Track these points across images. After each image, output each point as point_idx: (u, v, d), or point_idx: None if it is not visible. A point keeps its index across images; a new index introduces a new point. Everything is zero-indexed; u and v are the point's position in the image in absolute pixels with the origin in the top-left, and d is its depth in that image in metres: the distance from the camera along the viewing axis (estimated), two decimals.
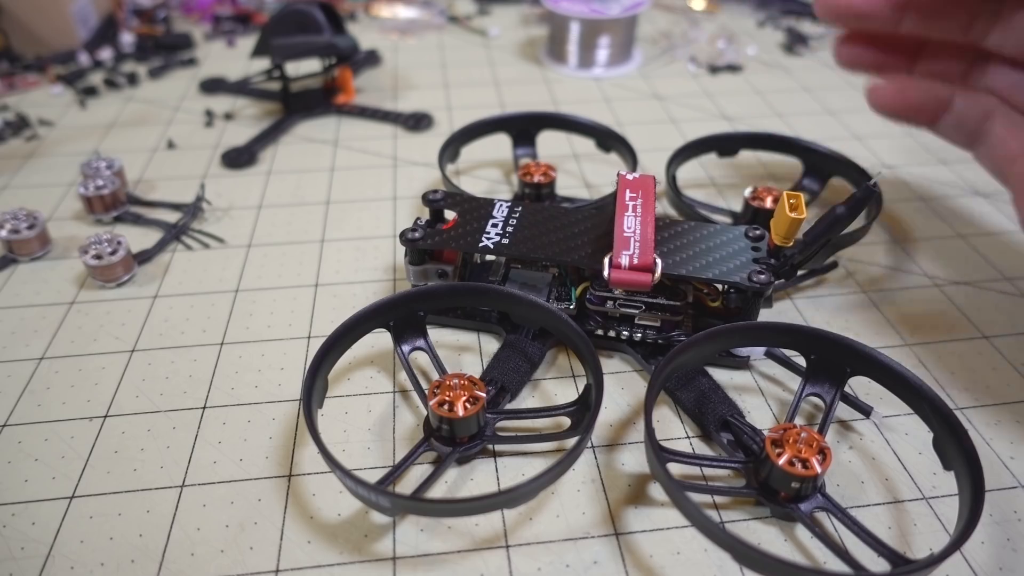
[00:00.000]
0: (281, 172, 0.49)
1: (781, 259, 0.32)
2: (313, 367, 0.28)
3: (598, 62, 0.63)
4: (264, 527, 0.27)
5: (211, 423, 0.31)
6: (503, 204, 0.36)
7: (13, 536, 0.27)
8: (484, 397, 0.28)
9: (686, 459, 0.28)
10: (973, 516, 0.24)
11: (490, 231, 0.34)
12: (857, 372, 0.30)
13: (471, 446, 0.29)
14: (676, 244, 0.33)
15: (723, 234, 0.34)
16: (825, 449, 0.26)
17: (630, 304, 0.33)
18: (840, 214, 0.30)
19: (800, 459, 0.26)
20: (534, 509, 0.28)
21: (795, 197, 0.30)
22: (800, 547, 0.26)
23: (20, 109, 0.56)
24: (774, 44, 0.69)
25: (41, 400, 0.32)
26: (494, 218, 0.35)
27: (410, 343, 0.33)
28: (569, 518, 0.27)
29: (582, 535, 0.27)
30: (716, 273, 0.31)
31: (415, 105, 0.58)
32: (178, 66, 0.64)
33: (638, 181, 0.34)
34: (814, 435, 0.27)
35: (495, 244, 0.34)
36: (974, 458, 0.25)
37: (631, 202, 0.33)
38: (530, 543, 0.26)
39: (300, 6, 0.53)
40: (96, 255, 0.38)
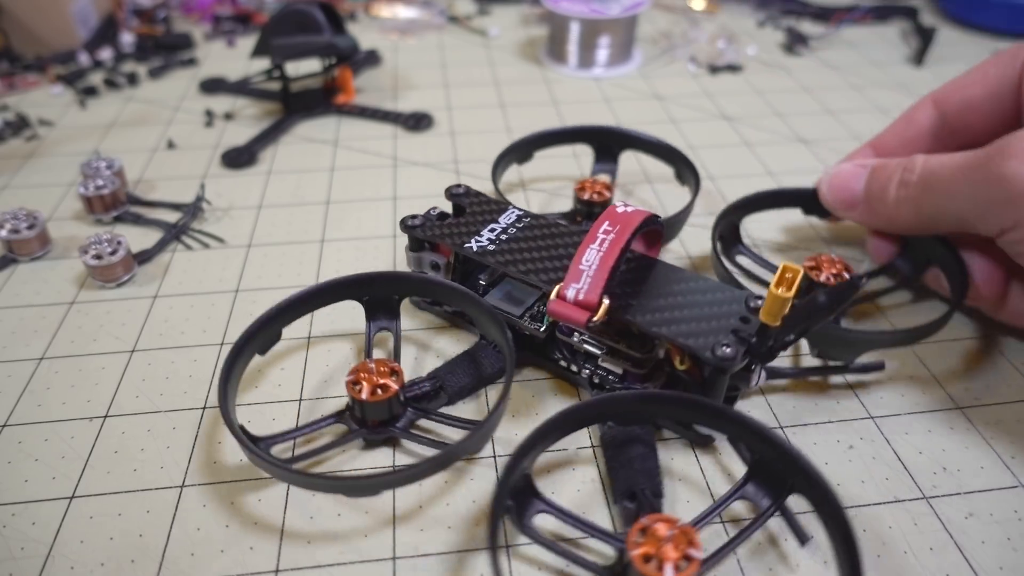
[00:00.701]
0: (281, 172, 0.49)
1: (762, 338, 0.27)
2: (270, 315, 0.30)
3: (598, 62, 0.63)
4: (264, 527, 0.27)
5: (211, 423, 0.31)
6: (513, 212, 0.35)
7: (13, 536, 0.27)
8: (395, 388, 0.29)
9: (563, 516, 0.26)
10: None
11: (484, 235, 0.33)
12: (796, 491, 0.26)
13: (378, 432, 0.29)
14: (656, 292, 0.30)
15: (718, 293, 0.29)
16: (692, 557, 0.23)
17: (593, 343, 0.31)
18: (821, 303, 0.26)
19: (655, 559, 0.23)
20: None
21: (791, 271, 0.25)
22: None
23: (20, 109, 0.56)
24: (774, 44, 0.69)
25: (41, 400, 0.32)
26: (496, 224, 0.34)
27: (379, 323, 0.34)
28: None
29: (583, 535, 0.27)
30: (674, 331, 0.28)
31: (415, 105, 0.58)
32: (178, 66, 0.64)
33: (624, 216, 0.30)
34: (689, 536, 0.23)
35: (479, 248, 0.32)
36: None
37: (602, 235, 0.30)
38: (530, 543, 0.26)
39: (300, 6, 0.53)
40: (96, 255, 0.38)
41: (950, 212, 0.30)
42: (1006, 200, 0.28)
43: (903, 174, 0.32)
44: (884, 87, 0.61)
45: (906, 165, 0.32)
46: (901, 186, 0.32)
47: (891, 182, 0.33)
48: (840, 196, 0.35)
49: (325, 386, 0.33)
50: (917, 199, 0.32)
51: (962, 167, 0.30)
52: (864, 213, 0.35)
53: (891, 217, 0.33)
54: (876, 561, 0.26)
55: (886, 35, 0.71)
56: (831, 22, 0.72)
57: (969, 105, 0.35)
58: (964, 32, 0.72)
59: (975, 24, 0.72)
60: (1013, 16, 0.69)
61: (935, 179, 0.31)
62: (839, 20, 0.72)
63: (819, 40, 0.69)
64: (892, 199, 0.33)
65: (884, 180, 0.33)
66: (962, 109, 0.35)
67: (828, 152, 0.51)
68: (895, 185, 0.33)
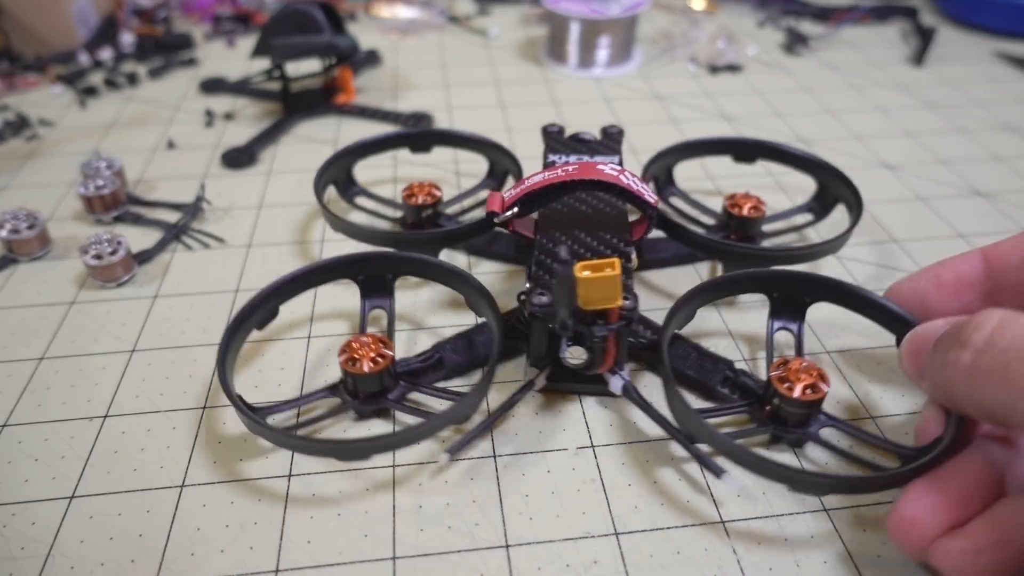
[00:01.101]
0: (281, 172, 0.49)
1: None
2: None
3: (598, 62, 0.63)
4: (264, 527, 0.27)
5: (211, 423, 0.31)
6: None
7: (13, 536, 0.27)
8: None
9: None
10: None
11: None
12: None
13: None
14: (573, 238, 0.33)
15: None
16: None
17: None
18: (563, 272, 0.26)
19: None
20: (534, 509, 0.28)
21: (586, 267, 0.26)
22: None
23: (20, 109, 0.56)
24: (774, 44, 0.69)
25: (41, 400, 0.32)
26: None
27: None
28: (569, 518, 0.27)
29: (582, 535, 0.27)
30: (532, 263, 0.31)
31: (415, 105, 0.58)
32: (178, 66, 0.64)
33: (589, 167, 0.33)
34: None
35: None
36: None
37: (560, 170, 0.33)
38: (530, 543, 0.26)
39: (300, 6, 0.53)
40: (96, 255, 0.38)
41: (1010, 404, 0.22)
42: None
43: (971, 333, 0.23)
44: (884, 87, 0.61)
45: (975, 324, 0.23)
46: (965, 347, 0.23)
47: (954, 339, 0.24)
48: (918, 366, 0.26)
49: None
50: (981, 372, 0.23)
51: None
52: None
53: (946, 382, 0.24)
54: (876, 561, 0.26)
55: (886, 35, 0.71)
56: (831, 22, 0.72)
57: None
58: (964, 32, 0.72)
59: (975, 24, 0.72)
60: (1013, 16, 0.69)
61: (1015, 355, 0.22)
62: (839, 20, 0.72)
63: (819, 40, 0.69)
64: (952, 361, 0.24)
65: (946, 338, 0.24)
66: None
67: (828, 152, 0.51)
68: (956, 344, 0.23)
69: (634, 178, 0.34)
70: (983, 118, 0.56)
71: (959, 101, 0.58)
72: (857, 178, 0.39)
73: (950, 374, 0.24)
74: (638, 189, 0.33)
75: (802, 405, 0.29)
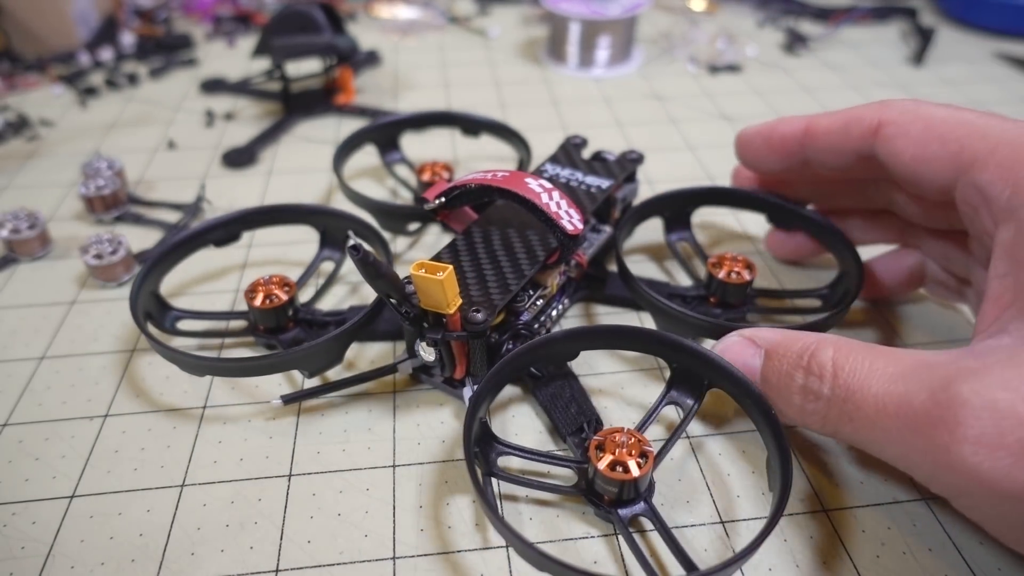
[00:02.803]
0: (281, 172, 0.49)
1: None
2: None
3: (598, 62, 0.63)
4: (264, 527, 0.27)
5: (211, 423, 0.31)
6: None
7: (13, 535, 0.27)
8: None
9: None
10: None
11: None
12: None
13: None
14: (496, 239, 0.33)
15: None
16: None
17: None
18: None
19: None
20: (534, 509, 0.28)
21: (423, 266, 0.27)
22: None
23: (21, 109, 0.57)
24: (774, 44, 0.69)
25: (42, 400, 0.32)
26: None
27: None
28: (569, 518, 0.27)
29: (582, 535, 0.27)
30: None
31: (415, 105, 0.58)
32: (179, 66, 0.64)
33: (514, 179, 0.32)
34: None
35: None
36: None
37: (490, 173, 0.32)
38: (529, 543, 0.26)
39: (300, 6, 0.53)
40: (97, 255, 0.38)
41: (876, 451, 0.24)
42: (958, 487, 0.21)
43: (808, 380, 0.25)
44: (884, 87, 0.61)
45: (810, 366, 0.25)
46: (808, 396, 0.25)
47: (792, 383, 0.26)
48: (744, 369, 0.28)
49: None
50: (832, 421, 0.25)
51: (895, 413, 0.22)
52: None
53: (800, 423, 0.26)
54: (875, 561, 0.26)
55: (886, 35, 0.71)
56: (831, 22, 0.72)
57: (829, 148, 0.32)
58: (964, 32, 0.72)
59: (975, 24, 0.72)
60: (1013, 16, 0.69)
61: (855, 408, 0.24)
62: (839, 20, 0.72)
63: (819, 40, 0.69)
64: (798, 407, 0.26)
65: (783, 378, 0.26)
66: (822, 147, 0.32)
67: None
68: (798, 392, 0.25)
69: (564, 202, 0.32)
70: None
71: (959, 101, 0.58)
72: None
73: (806, 420, 0.26)
74: (555, 213, 0.31)
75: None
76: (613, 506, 0.26)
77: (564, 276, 0.34)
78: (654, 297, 0.32)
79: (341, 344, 0.31)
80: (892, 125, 0.29)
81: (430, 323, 0.29)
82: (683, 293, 0.36)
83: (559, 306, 0.34)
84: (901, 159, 0.29)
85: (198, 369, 0.31)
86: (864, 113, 0.30)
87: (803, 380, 0.25)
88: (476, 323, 0.28)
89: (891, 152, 0.29)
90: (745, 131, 0.35)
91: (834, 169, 0.32)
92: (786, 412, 0.26)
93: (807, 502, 0.28)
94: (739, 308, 0.34)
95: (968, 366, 0.22)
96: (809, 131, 0.32)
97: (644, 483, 0.26)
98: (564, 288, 0.35)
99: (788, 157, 0.34)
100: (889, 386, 0.23)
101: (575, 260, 0.34)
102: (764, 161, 0.35)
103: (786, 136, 0.33)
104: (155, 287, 0.35)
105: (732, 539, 0.27)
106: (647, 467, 0.26)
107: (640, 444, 0.26)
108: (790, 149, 0.33)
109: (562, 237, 0.31)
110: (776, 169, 0.35)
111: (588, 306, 0.37)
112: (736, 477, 0.29)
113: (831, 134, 0.31)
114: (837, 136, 0.31)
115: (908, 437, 0.22)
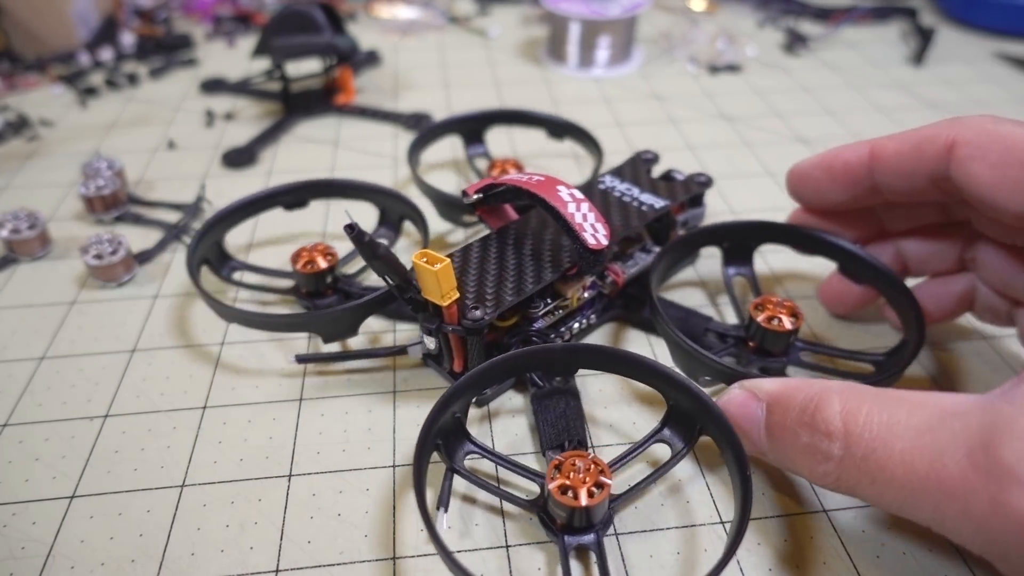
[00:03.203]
0: (281, 172, 0.49)
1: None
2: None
3: (598, 62, 0.63)
4: (264, 527, 0.27)
5: (211, 423, 0.31)
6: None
7: (14, 535, 0.27)
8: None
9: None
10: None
11: None
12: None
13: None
14: (531, 244, 0.33)
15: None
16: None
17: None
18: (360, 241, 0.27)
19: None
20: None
21: (425, 255, 0.27)
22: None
23: (21, 109, 0.57)
24: (774, 44, 0.69)
25: (42, 400, 0.32)
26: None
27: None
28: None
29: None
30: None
31: (415, 105, 0.58)
32: (178, 66, 0.64)
33: (547, 185, 0.31)
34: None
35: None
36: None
37: (527, 175, 0.32)
38: (530, 543, 0.26)
39: (300, 6, 0.53)
40: (97, 255, 0.38)
41: (905, 512, 0.21)
42: (1004, 554, 0.19)
43: (814, 438, 0.22)
44: (884, 87, 0.61)
45: (815, 422, 0.23)
46: (816, 456, 0.23)
47: (797, 441, 0.23)
48: (749, 424, 0.25)
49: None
50: (848, 482, 0.22)
51: (926, 475, 0.20)
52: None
53: (814, 482, 0.24)
54: (876, 561, 0.26)
55: (886, 35, 0.71)
56: (831, 22, 0.72)
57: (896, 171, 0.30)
58: (964, 32, 0.72)
59: (975, 24, 0.72)
60: (1013, 16, 0.69)
61: (878, 469, 0.21)
62: (839, 20, 0.72)
63: (819, 40, 0.69)
64: (807, 468, 0.23)
65: (789, 435, 0.24)
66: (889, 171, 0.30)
67: None
68: (804, 451, 0.23)
69: (592, 215, 0.31)
70: None
71: (959, 101, 0.58)
72: None
73: (818, 481, 0.23)
74: (579, 224, 0.30)
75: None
76: (562, 531, 0.25)
77: (593, 291, 0.34)
78: (668, 326, 0.30)
79: (356, 316, 0.32)
80: (967, 146, 0.27)
81: (430, 312, 0.29)
82: (723, 331, 0.33)
83: (583, 320, 0.34)
84: (978, 183, 0.27)
85: (226, 316, 0.33)
86: (936, 133, 0.28)
87: (809, 438, 0.23)
88: (472, 320, 0.28)
89: (967, 175, 0.27)
90: (799, 166, 0.33)
91: (904, 194, 0.30)
92: (797, 472, 0.24)
93: (807, 502, 0.28)
94: (779, 357, 0.31)
95: (1005, 418, 0.19)
96: (876, 155, 0.30)
97: (598, 514, 0.25)
98: (592, 303, 0.34)
99: (854, 186, 0.31)
100: (916, 441, 0.20)
101: (610, 277, 0.34)
102: (827, 194, 0.32)
103: (850, 163, 0.31)
104: (220, 238, 0.37)
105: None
106: (599, 498, 0.24)
107: (599, 474, 0.25)
108: (856, 177, 0.31)
109: (581, 249, 0.30)
110: (841, 200, 0.32)
111: (622, 328, 0.36)
112: (707, 530, 0.27)
113: (901, 156, 0.29)
114: (908, 159, 0.29)
115: (944, 501, 0.20)
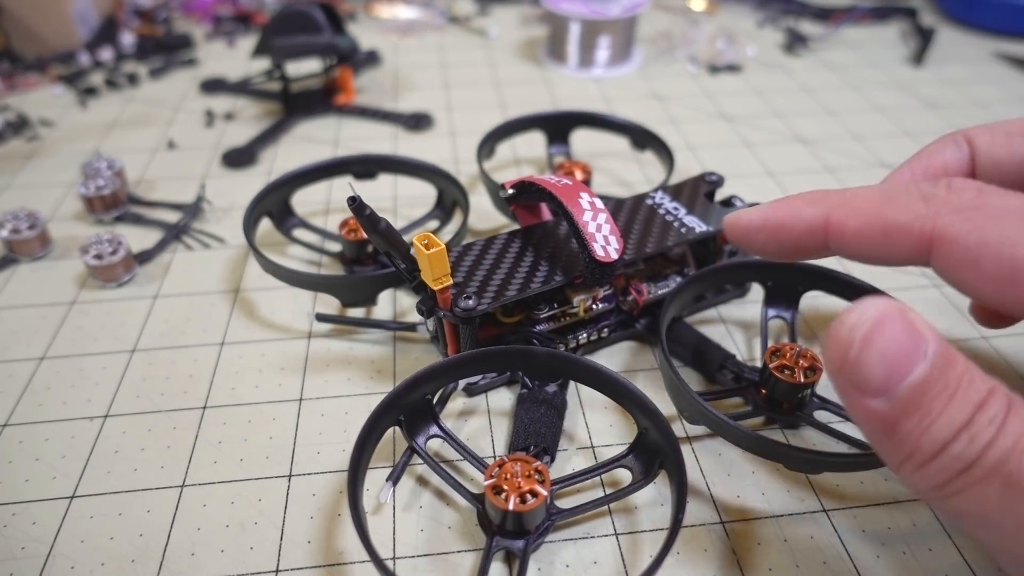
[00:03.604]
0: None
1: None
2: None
3: (598, 62, 0.63)
4: (264, 527, 0.27)
5: (211, 423, 0.31)
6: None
7: (14, 536, 0.27)
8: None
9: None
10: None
11: None
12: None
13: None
14: (550, 244, 0.33)
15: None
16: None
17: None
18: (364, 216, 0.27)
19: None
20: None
21: (426, 238, 0.28)
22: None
23: (21, 109, 0.57)
24: (774, 44, 0.69)
25: (42, 400, 0.32)
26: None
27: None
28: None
29: (582, 535, 0.27)
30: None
31: (415, 105, 0.58)
32: (178, 66, 0.64)
33: (570, 190, 0.31)
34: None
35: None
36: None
37: (557, 179, 0.32)
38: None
39: (300, 6, 0.53)
40: (97, 255, 0.38)
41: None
42: None
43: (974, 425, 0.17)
44: (884, 87, 0.61)
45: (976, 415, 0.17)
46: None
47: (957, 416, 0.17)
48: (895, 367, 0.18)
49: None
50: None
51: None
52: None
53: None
54: (876, 561, 0.26)
55: (886, 35, 0.71)
56: (831, 22, 0.72)
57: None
58: (964, 32, 0.72)
59: (975, 24, 0.72)
60: (1013, 16, 0.69)
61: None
62: (839, 20, 0.72)
63: (819, 40, 0.69)
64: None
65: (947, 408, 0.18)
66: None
67: (828, 152, 0.51)
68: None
69: (608, 227, 0.30)
70: (983, 118, 0.56)
71: (959, 101, 0.58)
72: (856, 178, 0.39)
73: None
74: (590, 234, 0.30)
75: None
76: (496, 532, 0.26)
77: (609, 304, 0.33)
78: (665, 352, 0.29)
79: (374, 285, 0.34)
80: (953, 245, 0.20)
81: (428, 295, 0.30)
82: (738, 371, 0.32)
83: (594, 332, 0.33)
84: (975, 291, 0.21)
85: (264, 266, 0.35)
86: (909, 221, 0.21)
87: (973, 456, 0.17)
88: (462, 308, 0.29)
89: (959, 281, 0.21)
90: (740, 221, 0.25)
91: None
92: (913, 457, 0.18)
93: (807, 502, 0.28)
94: (789, 412, 0.30)
95: None
96: (833, 232, 0.23)
97: (530, 521, 0.25)
98: (606, 317, 0.34)
99: (805, 255, 0.25)
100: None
101: (631, 294, 0.33)
102: (773, 256, 0.26)
103: (799, 236, 0.24)
104: (288, 195, 0.40)
105: None
106: (531, 505, 0.24)
107: (537, 483, 0.25)
108: (806, 249, 0.25)
109: (588, 259, 0.30)
110: (795, 260, 0.26)
111: (641, 347, 0.35)
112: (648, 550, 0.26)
113: (864, 240, 0.23)
114: (874, 244, 0.23)
115: None
